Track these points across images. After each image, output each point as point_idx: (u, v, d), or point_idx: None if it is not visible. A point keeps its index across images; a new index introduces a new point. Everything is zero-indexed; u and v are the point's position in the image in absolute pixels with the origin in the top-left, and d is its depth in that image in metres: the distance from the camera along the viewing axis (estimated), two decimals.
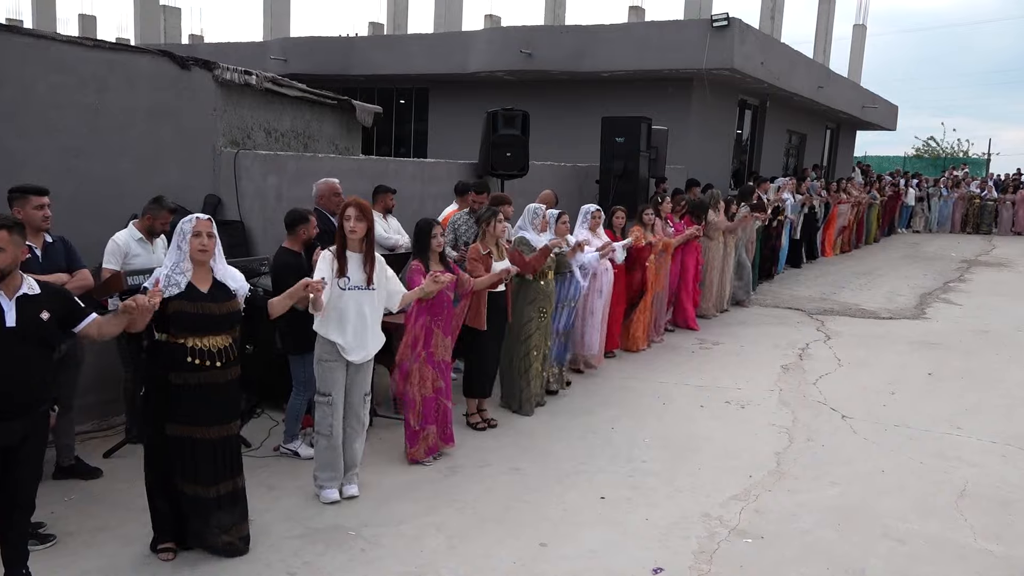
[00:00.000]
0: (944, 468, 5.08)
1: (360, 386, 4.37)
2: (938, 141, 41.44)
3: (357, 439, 4.43)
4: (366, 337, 4.26)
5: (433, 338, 4.88)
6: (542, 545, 3.95)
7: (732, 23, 12.73)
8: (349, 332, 4.20)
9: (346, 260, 4.20)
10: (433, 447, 4.98)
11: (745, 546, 4.00)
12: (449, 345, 5.01)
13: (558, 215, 6.29)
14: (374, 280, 4.25)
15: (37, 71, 5.44)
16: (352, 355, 4.22)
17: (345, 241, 4.21)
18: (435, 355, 4.92)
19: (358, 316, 4.22)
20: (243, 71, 6.47)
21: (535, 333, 5.87)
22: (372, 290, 4.25)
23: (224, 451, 3.69)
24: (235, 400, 3.80)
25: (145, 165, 5.87)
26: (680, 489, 4.66)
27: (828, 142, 22.59)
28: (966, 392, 6.81)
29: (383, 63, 16.23)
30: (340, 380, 4.26)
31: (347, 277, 4.17)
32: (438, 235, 4.86)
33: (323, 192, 5.80)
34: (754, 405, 6.29)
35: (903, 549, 4.00)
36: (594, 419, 5.84)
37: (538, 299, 5.89)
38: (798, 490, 4.68)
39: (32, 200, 4.15)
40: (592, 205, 7.15)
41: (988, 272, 14.38)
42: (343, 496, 4.37)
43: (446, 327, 4.95)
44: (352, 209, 4.18)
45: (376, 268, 4.26)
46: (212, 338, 3.56)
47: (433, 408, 4.93)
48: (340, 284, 4.17)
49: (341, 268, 4.18)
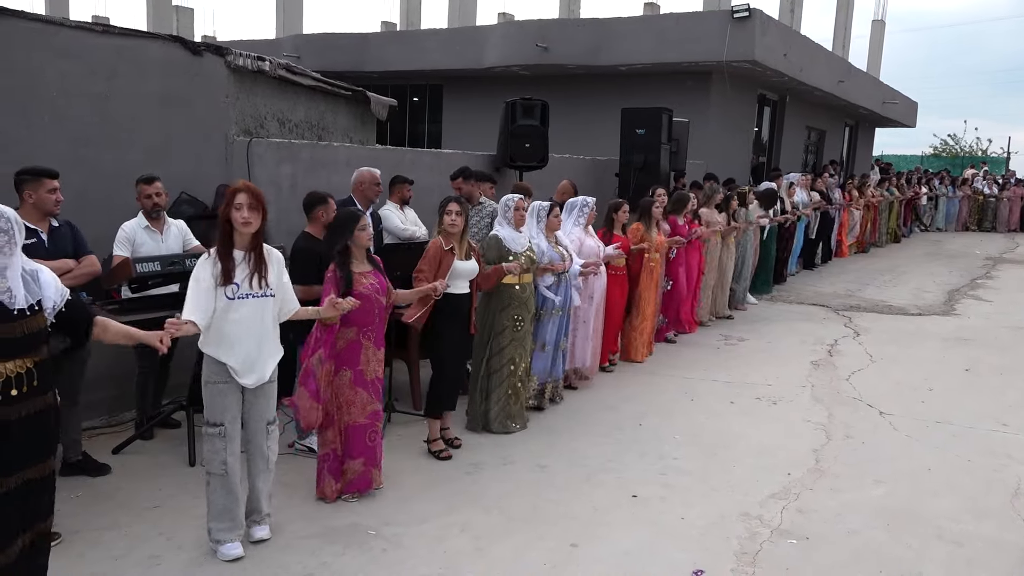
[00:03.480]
0: (994, 466, 4.82)
1: (261, 413, 3.57)
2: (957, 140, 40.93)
3: (260, 477, 3.63)
4: (261, 356, 3.46)
5: (363, 353, 4.03)
6: (573, 546, 3.73)
7: (753, 14, 12.47)
8: (239, 351, 3.40)
9: (233, 262, 3.37)
10: (361, 480, 4.12)
11: (790, 547, 3.75)
12: (381, 358, 4.17)
13: (549, 208, 5.50)
14: (270, 283, 3.45)
15: (45, 58, 5.28)
16: (245, 378, 3.43)
17: (232, 238, 3.39)
18: (365, 374, 4.06)
19: (250, 330, 3.41)
20: (256, 57, 6.29)
21: (509, 345, 5.10)
22: (268, 296, 3.46)
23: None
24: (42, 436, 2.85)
25: (156, 154, 5.69)
26: (716, 487, 4.42)
27: (847, 139, 22.26)
28: (1007, 388, 6.53)
29: (397, 59, 16.07)
30: (233, 407, 3.47)
31: (235, 283, 3.37)
32: (367, 227, 4.02)
33: (364, 179, 5.64)
34: (786, 401, 6.04)
35: (961, 552, 3.75)
36: (619, 415, 5.61)
37: (512, 306, 5.08)
38: (841, 489, 4.43)
39: (46, 183, 4.00)
40: (586, 198, 6.32)
41: (1015, 270, 14.06)
42: (252, 540, 3.61)
43: (377, 337, 4.12)
44: (243, 196, 3.34)
45: (272, 269, 3.47)
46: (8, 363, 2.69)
47: (363, 438, 4.10)
48: (227, 292, 3.36)
49: (226, 272, 3.35)
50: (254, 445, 3.59)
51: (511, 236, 5.14)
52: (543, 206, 5.50)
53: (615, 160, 10.40)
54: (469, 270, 4.70)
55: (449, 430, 4.94)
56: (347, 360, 4.03)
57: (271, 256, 3.50)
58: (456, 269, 4.59)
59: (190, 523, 3.73)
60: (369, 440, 4.13)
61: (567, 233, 6.00)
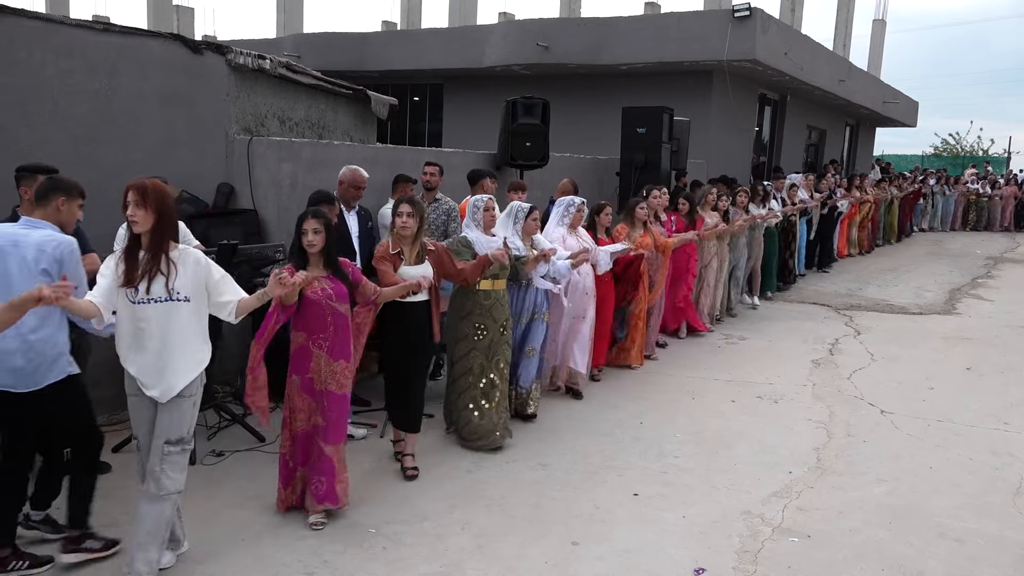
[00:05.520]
0: (996, 465, 4.81)
1: (163, 430, 3.16)
2: (958, 139, 40.86)
3: (144, 501, 3.17)
4: (167, 367, 3.13)
5: (313, 361, 3.81)
6: (574, 544, 3.72)
7: (754, 13, 12.46)
8: (141, 361, 3.12)
9: (137, 262, 3.07)
10: (327, 495, 3.83)
11: (791, 546, 3.75)
12: (342, 372, 3.85)
13: (529, 210, 5.18)
14: (178, 288, 3.12)
15: (46, 56, 5.27)
16: (151, 390, 3.13)
17: (140, 238, 3.09)
18: (315, 383, 3.82)
19: (156, 339, 3.10)
20: (257, 55, 6.28)
21: (468, 355, 4.80)
22: (177, 301, 3.12)
23: None
24: None
25: (156, 153, 5.69)
26: (717, 486, 4.41)
27: (848, 138, 22.24)
28: (1010, 387, 6.52)
29: (397, 58, 16.05)
30: (145, 420, 3.19)
31: (136, 287, 3.06)
32: (319, 231, 3.75)
33: (344, 179, 5.45)
34: (787, 400, 6.03)
35: (963, 550, 3.74)
36: (621, 413, 5.61)
37: (474, 314, 4.79)
38: (843, 487, 4.42)
39: (40, 179, 3.98)
40: (574, 197, 6.00)
41: (1016, 269, 14.05)
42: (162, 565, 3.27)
43: (335, 348, 3.81)
44: (132, 193, 3.05)
45: (182, 270, 3.13)
46: None
47: (304, 448, 3.88)
48: (129, 296, 3.07)
49: (129, 274, 3.06)
50: (149, 464, 3.18)
51: (480, 239, 4.85)
52: (522, 207, 5.19)
53: (616, 159, 10.38)
54: (418, 275, 4.31)
55: (411, 457, 4.49)
56: (297, 365, 3.85)
57: (183, 257, 3.15)
58: (404, 274, 4.27)
59: (189, 522, 3.71)
60: (313, 454, 3.87)
61: (548, 233, 5.73)
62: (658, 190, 7.32)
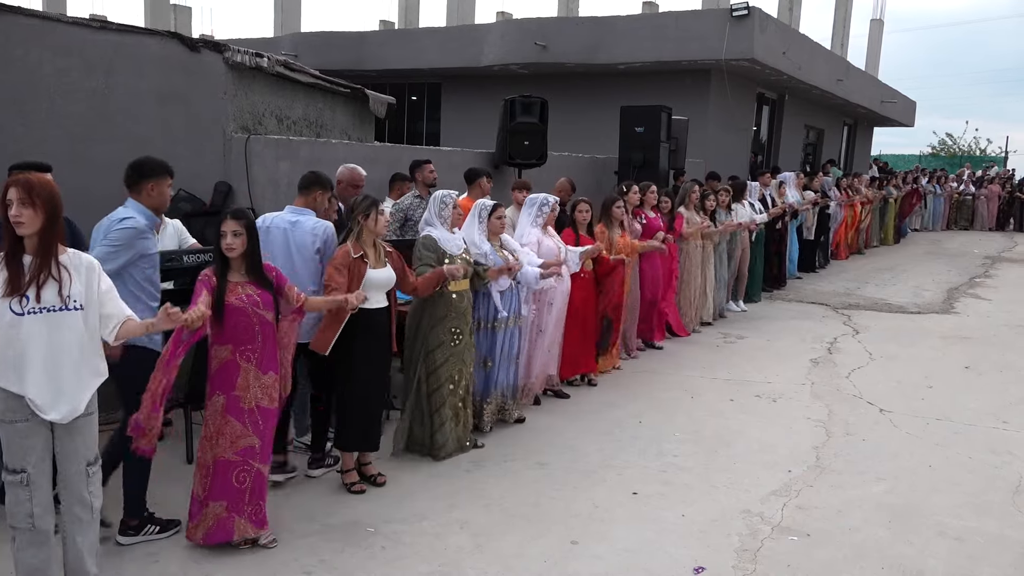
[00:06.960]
0: (995, 463, 4.80)
1: (77, 453, 2.88)
2: (955, 139, 40.92)
3: (81, 532, 2.93)
4: (68, 384, 2.79)
5: (240, 377, 3.45)
6: (573, 543, 3.71)
7: (752, 12, 12.47)
8: (37, 379, 2.74)
9: (22, 268, 2.72)
10: (220, 529, 3.46)
11: (791, 544, 3.74)
12: (272, 384, 3.54)
13: (492, 208, 4.86)
14: (71, 295, 2.78)
15: (43, 54, 5.26)
16: (51, 412, 2.78)
17: (22, 241, 2.73)
18: (242, 401, 3.46)
19: (49, 352, 2.75)
20: (254, 53, 6.27)
21: (446, 362, 4.52)
22: (71, 310, 2.78)
23: None
24: None
25: (154, 151, 5.53)
26: (716, 485, 4.41)
27: (846, 138, 22.26)
28: (1009, 386, 6.53)
29: (395, 58, 16.04)
30: (37, 448, 2.80)
31: (25, 296, 2.71)
32: (239, 233, 3.41)
33: (342, 178, 5.43)
34: (786, 399, 6.02)
35: (962, 548, 3.73)
36: (620, 412, 5.60)
37: (449, 317, 4.47)
38: (842, 486, 4.42)
39: None
40: (547, 195, 5.67)
41: (1014, 268, 14.08)
42: None
43: (263, 360, 3.49)
44: (14, 191, 2.68)
45: (75, 276, 2.80)
46: None
47: (229, 477, 3.47)
48: (13, 306, 2.70)
49: (14, 281, 2.70)
50: (70, 493, 2.90)
51: (446, 237, 4.52)
52: (486, 205, 4.89)
53: (614, 158, 10.38)
54: (384, 280, 4.07)
55: (371, 465, 4.29)
56: (220, 383, 3.47)
57: (75, 262, 2.83)
58: (370, 280, 3.98)
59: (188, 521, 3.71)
60: (236, 481, 3.47)
61: (522, 235, 5.46)
62: (638, 187, 7.06)
